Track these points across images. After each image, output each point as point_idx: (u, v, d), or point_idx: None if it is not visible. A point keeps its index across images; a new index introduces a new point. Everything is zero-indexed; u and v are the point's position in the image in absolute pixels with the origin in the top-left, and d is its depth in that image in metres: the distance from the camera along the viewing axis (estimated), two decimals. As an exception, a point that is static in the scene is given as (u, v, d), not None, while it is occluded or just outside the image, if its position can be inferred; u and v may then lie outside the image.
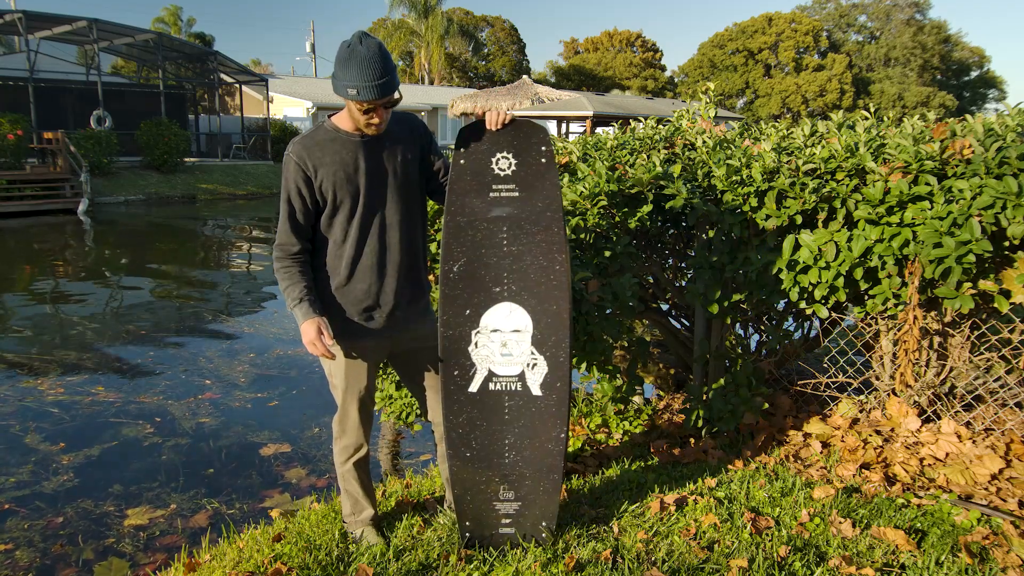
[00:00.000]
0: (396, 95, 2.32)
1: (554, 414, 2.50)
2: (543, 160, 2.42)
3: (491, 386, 2.50)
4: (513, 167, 2.43)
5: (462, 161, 2.42)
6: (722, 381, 3.66)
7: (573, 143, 4.25)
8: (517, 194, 2.43)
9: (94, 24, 21.79)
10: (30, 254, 13.40)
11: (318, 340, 2.37)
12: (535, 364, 2.48)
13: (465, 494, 2.56)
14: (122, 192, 20.74)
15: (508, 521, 2.59)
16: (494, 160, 2.42)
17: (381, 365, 3.80)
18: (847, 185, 3.18)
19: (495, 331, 2.47)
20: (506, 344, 2.47)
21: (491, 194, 2.43)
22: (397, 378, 4.09)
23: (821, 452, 3.39)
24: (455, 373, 2.49)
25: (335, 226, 2.45)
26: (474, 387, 2.49)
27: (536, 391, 2.49)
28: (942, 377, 3.39)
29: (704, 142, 3.88)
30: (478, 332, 2.47)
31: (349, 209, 2.43)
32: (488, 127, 2.40)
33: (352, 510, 2.77)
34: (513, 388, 2.50)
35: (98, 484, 4.23)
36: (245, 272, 12.04)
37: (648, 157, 3.84)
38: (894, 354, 3.42)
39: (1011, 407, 3.30)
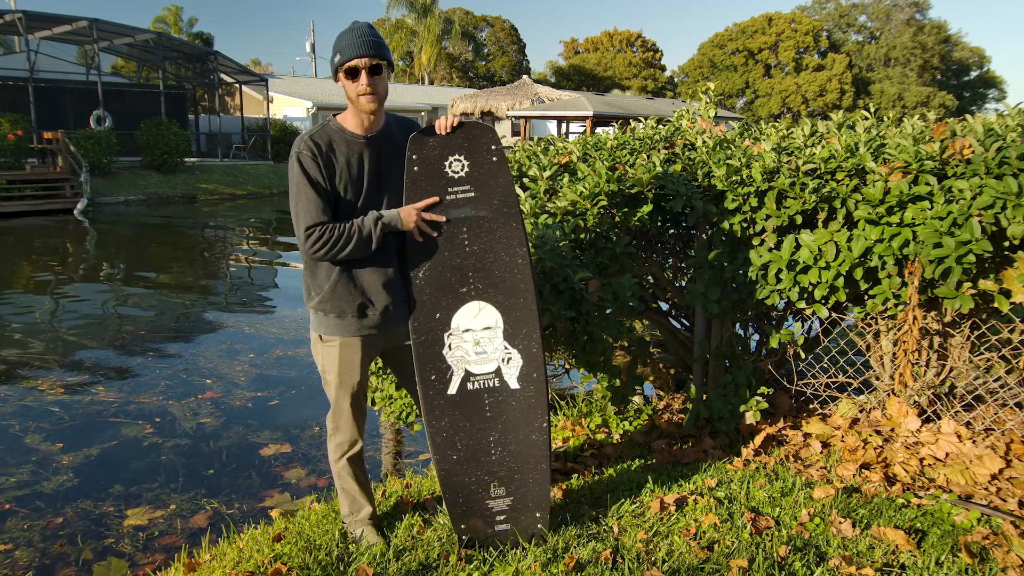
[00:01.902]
0: (384, 63, 2.38)
1: (534, 404, 2.53)
2: (494, 159, 2.48)
3: (469, 386, 2.52)
4: (466, 168, 2.48)
5: (416, 168, 2.46)
6: (722, 381, 3.66)
7: (573, 143, 4.24)
8: (473, 194, 2.48)
9: (94, 24, 21.79)
10: (30, 254, 13.40)
11: (422, 211, 2.44)
12: (510, 358, 2.51)
13: (456, 496, 2.57)
14: (122, 192, 20.74)
15: (503, 518, 2.60)
16: (447, 163, 2.47)
17: (379, 365, 3.80)
18: (847, 185, 3.17)
19: (467, 331, 2.50)
20: (479, 342, 2.50)
21: (448, 196, 2.48)
22: (396, 379, 4.09)
23: (821, 452, 3.39)
24: (432, 378, 2.50)
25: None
26: (452, 389, 2.52)
27: (514, 384, 2.52)
28: (942, 377, 3.38)
29: (704, 142, 3.88)
30: (450, 334, 2.50)
31: (350, 206, 2.45)
32: (438, 132, 2.45)
33: (351, 509, 2.77)
34: (491, 385, 2.52)
35: (98, 484, 4.23)
36: (245, 272, 12.04)
37: (648, 157, 3.84)
38: (894, 354, 3.42)
39: (1011, 407, 3.30)
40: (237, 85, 28.46)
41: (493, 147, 2.47)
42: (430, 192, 2.47)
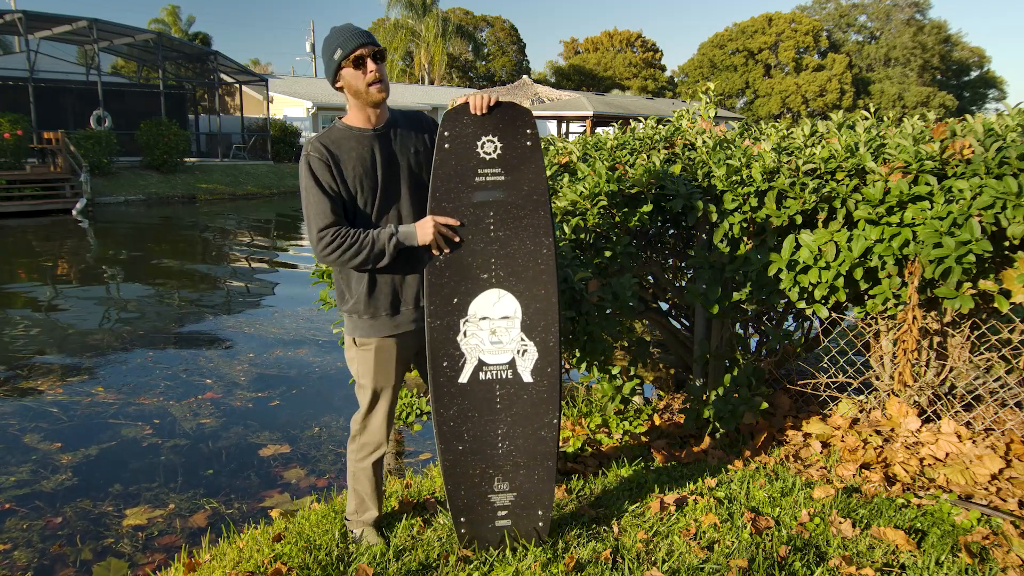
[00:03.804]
0: (381, 46, 2.40)
1: (546, 400, 2.48)
2: (528, 143, 2.39)
3: (482, 376, 2.46)
4: (499, 151, 2.39)
5: (447, 145, 2.37)
6: (722, 381, 3.66)
7: (573, 143, 4.24)
8: (503, 178, 2.39)
9: (94, 24, 21.80)
10: (29, 254, 13.40)
11: (440, 224, 2.35)
12: (525, 351, 2.45)
13: (459, 488, 2.53)
14: (122, 192, 20.74)
15: (504, 513, 2.57)
16: (479, 144, 2.38)
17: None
18: (847, 185, 3.17)
19: (484, 319, 2.43)
20: (495, 332, 2.44)
21: (477, 178, 2.39)
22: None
23: (821, 452, 3.39)
24: (444, 364, 2.43)
25: (356, 222, 2.46)
26: (464, 378, 2.45)
27: (527, 378, 2.47)
28: (942, 377, 3.38)
29: (704, 142, 3.88)
30: (467, 321, 2.42)
31: (368, 203, 2.45)
32: (472, 111, 2.36)
33: (356, 509, 2.77)
34: (504, 376, 2.46)
35: (97, 484, 4.22)
36: (245, 272, 12.04)
37: (648, 157, 3.84)
38: (894, 354, 3.42)
39: (1011, 407, 3.30)
40: (237, 85, 28.46)
41: (528, 131, 2.39)
42: (459, 171, 2.39)
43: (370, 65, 2.36)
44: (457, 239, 2.39)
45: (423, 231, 2.38)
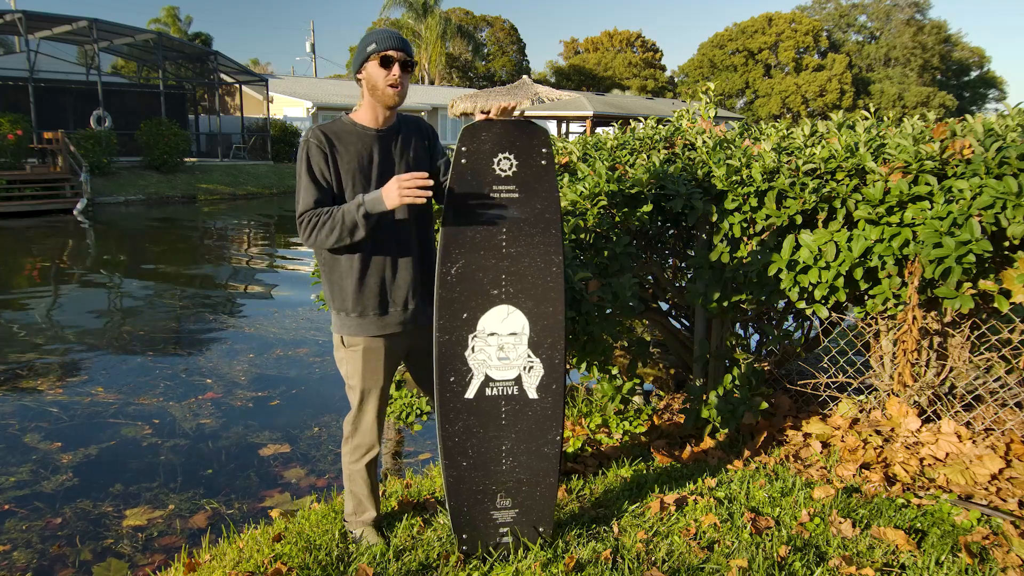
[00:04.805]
0: (413, 59, 2.46)
1: (550, 417, 2.49)
2: (543, 162, 2.41)
3: (488, 391, 2.46)
4: (514, 168, 2.40)
5: (463, 161, 2.38)
6: (722, 381, 3.66)
7: (573, 143, 4.24)
8: (517, 195, 2.41)
9: (94, 24, 21.80)
10: (30, 254, 13.40)
11: (404, 181, 2.28)
12: (532, 367, 2.47)
13: (461, 505, 2.53)
14: (122, 192, 20.74)
15: (505, 531, 2.57)
16: (495, 161, 2.39)
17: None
18: (847, 185, 3.17)
19: (492, 335, 2.44)
20: (503, 348, 2.45)
21: (492, 195, 2.40)
22: (397, 378, 4.09)
23: (821, 452, 3.39)
24: (451, 379, 2.44)
25: None
26: (470, 393, 2.46)
27: (533, 394, 2.48)
28: (942, 377, 3.38)
29: (704, 142, 3.88)
30: (475, 336, 2.43)
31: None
32: (492, 116, 2.36)
33: (354, 510, 2.77)
34: (510, 392, 2.47)
35: (97, 484, 4.22)
36: (245, 272, 12.04)
37: (648, 157, 3.84)
38: (894, 354, 3.42)
39: (1011, 407, 3.30)
40: (237, 85, 28.46)
41: (543, 150, 2.41)
42: (475, 187, 2.39)
43: (396, 69, 2.40)
44: (429, 195, 2.33)
45: (389, 194, 2.32)
